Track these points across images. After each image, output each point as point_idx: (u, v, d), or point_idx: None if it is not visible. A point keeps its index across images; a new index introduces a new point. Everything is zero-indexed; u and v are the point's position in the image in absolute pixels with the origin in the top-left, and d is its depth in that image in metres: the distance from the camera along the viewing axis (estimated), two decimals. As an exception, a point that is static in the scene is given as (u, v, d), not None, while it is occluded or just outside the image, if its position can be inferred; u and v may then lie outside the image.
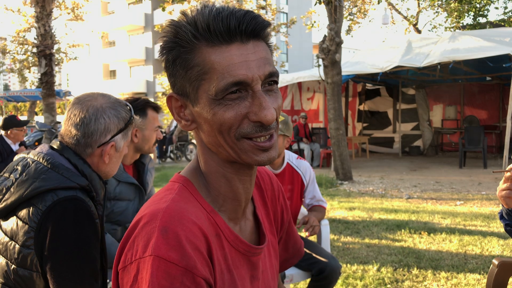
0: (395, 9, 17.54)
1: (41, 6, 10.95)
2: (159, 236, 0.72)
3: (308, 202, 2.86)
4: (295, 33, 26.96)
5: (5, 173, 1.37)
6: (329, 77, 8.80)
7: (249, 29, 0.77)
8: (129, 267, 0.73)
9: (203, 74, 0.77)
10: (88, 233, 1.27)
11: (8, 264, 1.27)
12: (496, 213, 5.76)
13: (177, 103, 0.84)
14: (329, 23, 8.75)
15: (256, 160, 0.80)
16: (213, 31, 0.76)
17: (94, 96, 1.44)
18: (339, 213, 5.98)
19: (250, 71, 0.76)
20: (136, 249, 0.73)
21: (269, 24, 0.81)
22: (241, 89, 0.77)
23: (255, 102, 0.77)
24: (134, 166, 2.27)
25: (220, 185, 0.85)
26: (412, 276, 3.56)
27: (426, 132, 13.17)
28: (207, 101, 0.78)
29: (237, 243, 0.86)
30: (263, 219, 0.99)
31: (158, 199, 0.81)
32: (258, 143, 0.79)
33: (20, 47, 20.03)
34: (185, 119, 0.84)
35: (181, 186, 0.84)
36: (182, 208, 0.78)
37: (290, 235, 1.14)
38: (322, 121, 13.10)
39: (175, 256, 0.70)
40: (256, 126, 0.78)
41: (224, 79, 0.75)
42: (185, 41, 0.77)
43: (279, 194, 1.08)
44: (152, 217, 0.75)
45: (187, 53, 0.78)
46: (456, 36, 10.13)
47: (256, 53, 0.78)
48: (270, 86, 0.81)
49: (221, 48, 0.76)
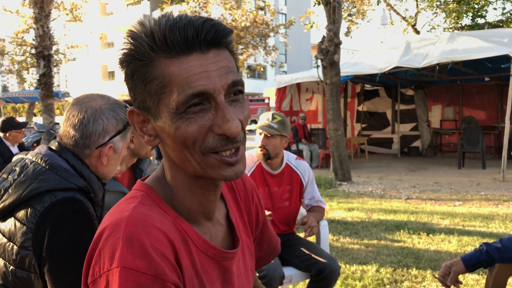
0: (394, 9, 17.56)
1: (39, 7, 10.95)
2: (123, 246, 0.70)
3: (307, 203, 2.86)
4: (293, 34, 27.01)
5: (3, 174, 1.37)
6: (328, 78, 8.80)
7: (208, 38, 0.74)
8: (99, 281, 0.71)
9: (163, 87, 0.74)
10: (86, 234, 1.27)
11: (6, 266, 1.26)
12: (495, 214, 5.77)
13: (139, 118, 0.81)
14: (328, 23, 8.76)
15: (222, 175, 0.77)
16: (171, 42, 0.72)
17: (93, 97, 1.43)
18: (338, 214, 5.98)
19: (211, 81, 0.73)
20: (103, 262, 0.71)
21: (231, 31, 0.78)
22: (203, 101, 0.74)
23: (218, 114, 0.74)
24: (131, 172, 2.22)
25: (185, 199, 0.84)
26: (411, 277, 3.56)
27: (424, 133, 13.18)
28: (168, 115, 0.74)
29: (206, 247, 0.84)
30: (237, 222, 0.97)
31: (120, 209, 0.79)
32: (224, 158, 0.76)
33: (19, 48, 20.04)
34: (148, 134, 0.81)
35: (143, 194, 0.82)
36: (145, 215, 0.76)
37: (265, 233, 1.13)
38: (321, 122, 13.09)
39: (142, 265, 0.69)
40: (221, 139, 0.75)
41: (184, 91, 0.72)
42: (142, 53, 0.74)
43: (252, 194, 1.06)
44: (115, 227, 0.73)
45: (145, 66, 0.74)
46: (455, 36, 10.14)
47: (218, 62, 0.75)
48: (235, 96, 0.77)
49: (179, 60, 0.73)
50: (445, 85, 13.25)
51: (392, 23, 18.31)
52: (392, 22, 18.29)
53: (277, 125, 2.59)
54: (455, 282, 1.80)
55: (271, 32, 18.38)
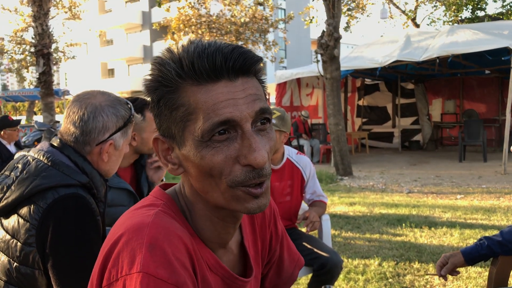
0: (393, 3, 17.51)
1: (38, 5, 10.93)
2: (146, 253, 0.69)
3: (308, 198, 2.86)
4: (293, 29, 26.94)
5: (5, 171, 1.37)
6: (328, 72, 8.78)
7: (237, 66, 0.72)
8: (115, 284, 0.69)
9: (189, 114, 0.73)
10: (89, 230, 1.27)
11: (10, 262, 1.27)
12: (497, 207, 5.77)
13: (163, 146, 0.79)
14: (327, 18, 8.73)
15: (246, 207, 0.75)
16: (198, 69, 0.71)
17: (93, 94, 1.43)
18: (340, 209, 5.98)
19: (238, 108, 0.71)
20: (121, 266, 0.70)
21: (260, 59, 0.77)
22: (229, 129, 0.72)
23: (244, 144, 0.72)
24: (133, 168, 2.21)
25: (203, 228, 0.82)
26: (414, 270, 3.57)
27: (425, 127, 13.17)
28: (193, 143, 0.73)
29: (217, 267, 0.83)
30: (250, 249, 0.95)
31: (140, 214, 0.77)
32: (250, 190, 0.74)
33: (18, 47, 20.01)
34: (172, 163, 0.79)
35: (164, 203, 0.81)
36: (168, 223, 0.75)
37: (283, 258, 1.09)
38: (321, 117, 13.08)
39: (164, 273, 0.68)
40: (248, 172, 0.73)
41: (209, 119, 0.71)
42: (169, 80, 0.73)
43: (270, 220, 1.04)
44: (137, 232, 0.72)
45: (172, 93, 0.73)
46: (455, 29, 10.11)
47: (245, 90, 0.73)
48: (263, 125, 0.76)
49: (206, 87, 0.72)
50: (445, 78, 13.23)
51: (391, 17, 18.25)
52: (392, 16, 18.24)
53: (276, 121, 2.58)
54: (451, 271, 1.80)
55: (270, 27, 18.34)
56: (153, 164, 2.18)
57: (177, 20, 16.73)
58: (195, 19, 16.91)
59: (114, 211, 2.00)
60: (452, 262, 1.79)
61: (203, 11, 17.24)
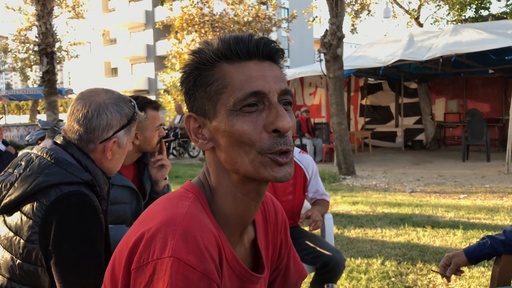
0: (397, 2, 17.47)
1: (42, 4, 10.95)
2: (179, 239, 0.73)
3: (311, 196, 2.86)
4: (296, 28, 26.90)
5: (9, 169, 1.37)
6: (331, 71, 8.77)
7: (265, 50, 0.83)
8: (145, 268, 0.73)
9: (222, 88, 0.81)
10: (92, 227, 1.27)
11: (13, 259, 1.27)
12: (500, 206, 5.75)
13: (195, 124, 0.87)
14: (331, 17, 8.71)
15: (273, 175, 0.81)
16: (234, 49, 0.81)
17: (97, 92, 1.43)
18: (343, 208, 5.98)
19: (267, 83, 0.81)
20: (153, 250, 0.73)
21: (283, 51, 0.88)
22: (258, 102, 0.80)
23: (271, 112, 0.80)
24: (136, 166, 2.20)
25: (226, 205, 0.87)
26: (416, 269, 3.56)
27: (428, 126, 13.14)
28: (225, 113, 0.80)
29: (234, 262, 0.87)
30: (262, 249, 0.99)
31: (174, 204, 0.82)
32: (277, 158, 0.80)
33: (22, 46, 20.06)
34: (202, 138, 0.86)
35: (195, 196, 0.86)
36: (200, 215, 0.80)
37: (290, 267, 1.13)
38: (324, 116, 13.07)
39: (194, 260, 0.72)
40: (274, 138, 0.80)
41: (242, 89, 0.79)
42: (206, 60, 0.82)
43: (281, 227, 1.08)
44: (171, 220, 0.76)
45: (208, 70, 0.82)
46: (458, 29, 10.08)
47: (272, 71, 0.84)
48: (285, 106, 0.83)
49: (240, 64, 0.82)
50: (448, 78, 13.19)
51: (395, 16, 18.21)
52: (395, 15, 18.20)
53: None
54: (455, 271, 1.80)
55: (273, 26, 18.31)
56: (156, 163, 2.18)
57: (180, 19, 16.72)
58: (198, 18, 16.90)
59: (116, 208, 2.00)
60: (455, 262, 1.79)
61: (206, 10, 17.24)
